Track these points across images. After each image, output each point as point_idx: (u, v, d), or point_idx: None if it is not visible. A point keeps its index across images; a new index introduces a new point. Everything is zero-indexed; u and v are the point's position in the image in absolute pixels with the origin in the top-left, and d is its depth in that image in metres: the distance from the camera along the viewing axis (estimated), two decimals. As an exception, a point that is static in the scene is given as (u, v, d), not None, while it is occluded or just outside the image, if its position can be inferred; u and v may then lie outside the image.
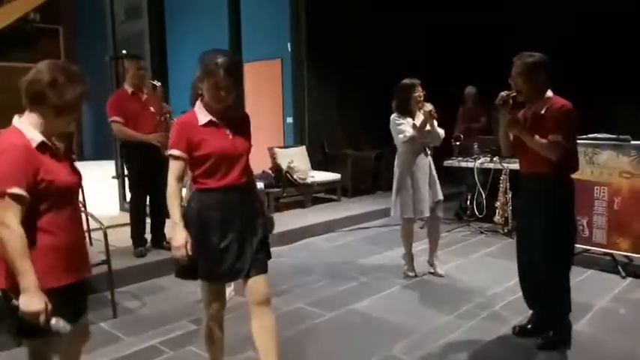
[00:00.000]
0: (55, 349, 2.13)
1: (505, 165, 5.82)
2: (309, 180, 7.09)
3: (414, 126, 4.28)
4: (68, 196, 2.03)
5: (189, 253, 2.36)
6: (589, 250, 4.84)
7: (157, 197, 4.78)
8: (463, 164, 6.41)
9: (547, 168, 3.02)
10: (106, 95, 4.85)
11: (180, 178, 2.45)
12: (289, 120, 8.42)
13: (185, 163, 2.43)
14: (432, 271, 4.60)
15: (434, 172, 4.45)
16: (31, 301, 1.80)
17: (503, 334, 3.41)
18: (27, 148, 1.88)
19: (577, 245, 4.73)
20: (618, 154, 4.55)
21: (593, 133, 4.86)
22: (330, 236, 6.11)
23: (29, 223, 1.87)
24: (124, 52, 6.29)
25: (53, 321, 1.86)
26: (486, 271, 4.71)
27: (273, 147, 7.43)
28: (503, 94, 3.11)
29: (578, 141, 4.70)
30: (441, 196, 4.44)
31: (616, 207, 4.56)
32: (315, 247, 5.67)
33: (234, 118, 2.52)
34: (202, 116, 2.44)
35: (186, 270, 2.46)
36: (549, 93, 3.11)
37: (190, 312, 3.78)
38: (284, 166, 7.01)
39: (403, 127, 4.26)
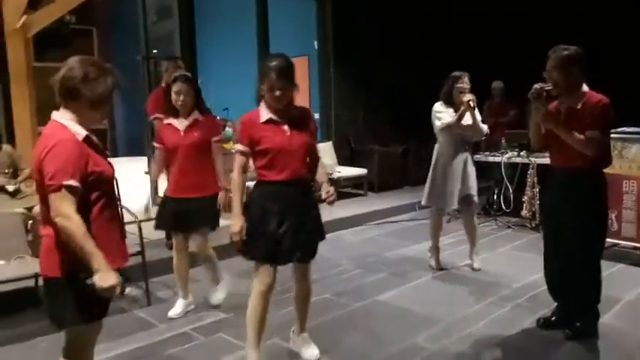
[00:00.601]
0: (95, 337, 2.24)
1: (533, 159, 5.79)
2: (335, 175, 7.17)
3: (453, 115, 4.30)
4: (112, 186, 2.16)
5: (244, 238, 2.70)
6: (618, 244, 4.80)
7: None
8: (490, 159, 6.40)
9: (582, 162, 3.01)
10: (138, 94, 5.03)
11: (244, 171, 2.77)
12: (316, 116, 8.50)
13: (248, 157, 2.74)
14: (470, 264, 4.63)
15: (470, 167, 4.42)
16: (107, 277, 1.92)
17: (528, 327, 3.44)
18: (77, 142, 1.99)
19: (606, 239, 4.74)
20: (648, 148, 4.50)
21: (622, 126, 4.81)
22: (356, 230, 6.19)
23: (82, 213, 1.96)
24: (154, 51, 6.49)
25: (127, 289, 2.04)
26: (512, 264, 4.72)
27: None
28: (537, 86, 3.07)
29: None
30: (472, 192, 4.42)
31: (646, 201, 4.51)
32: (342, 241, 5.76)
33: (294, 116, 2.75)
34: (264, 114, 2.72)
35: (245, 251, 2.76)
36: (585, 87, 3.08)
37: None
38: (311, 162, 7.11)
39: (441, 115, 4.30)
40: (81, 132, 2.03)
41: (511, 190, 6.20)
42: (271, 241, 2.69)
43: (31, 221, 4.22)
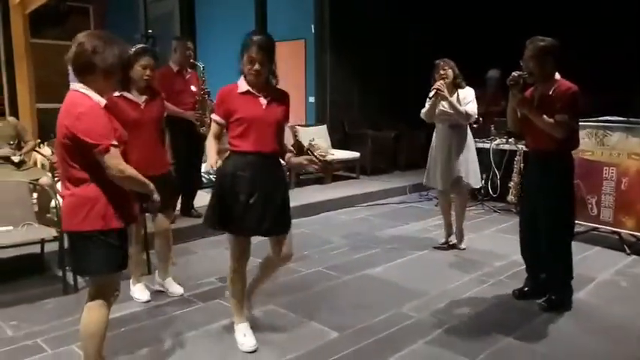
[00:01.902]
0: (118, 284, 2.50)
1: (520, 146, 6.01)
2: (329, 157, 7.35)
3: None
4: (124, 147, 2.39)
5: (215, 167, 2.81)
6: (597, 228, 5.04)
7: (189, 170, 5.09)
8: (479, 145, 6.60)
9: (551, 145, 3.28)
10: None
11: (218, 138, 2.88)
12: (311, 99, 8.66)
13: (222, 127, 2.85)
14: (454, 242, 4.84)
15: (461, 151, 4.50)
16: (158, 195, 2.38)
17: (506, 300, 3.67)
18: (102, 108, 2.20)
19: (585, 223, 5.00)
20: (628, 136, 4.72)
21: (611, 115, 5.04)
22: (348, 210, 6.40)
23: (102, 172, 2.20)
24: (149, 31, 6.57)
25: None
26: (496, 245, 4.95)
27: (295, 125, 7.70)
28: (514, 74, 3.33)
29: (590, 123, 4.94)
30: (461, 174, 4.51)
31: (623, 187, 4.74)
32: (333, 220, 5.97)
33: (272, 93, 2.85)
34: (242, 86, 2.81)
35: (215, 222, 2.87)
36: (557, 76, 3.34)
37: (217, 271, 4.12)
38: (305, 144, 7.29)
39: (426, 104, 4.49)
40: (102, 100, 2.22)
41: (498, 176, 6.43)
42: (241, 213, 2.76)
43: (36, 194, 4.40)
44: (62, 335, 3.09)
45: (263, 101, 2.80)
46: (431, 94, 4.36)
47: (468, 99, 4.44)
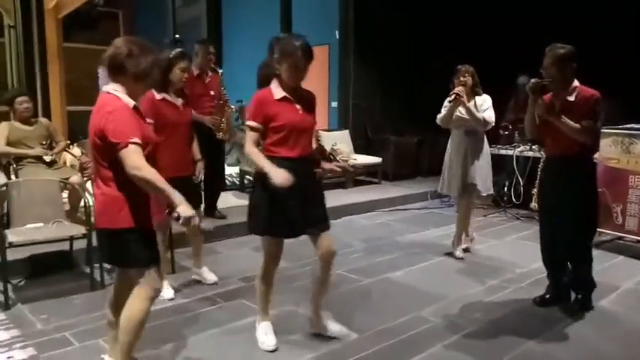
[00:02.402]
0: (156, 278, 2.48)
1: (543, 153, 5.95)
2: (351, 162, 7.39)
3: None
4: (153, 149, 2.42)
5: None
6: (622, 237, 4.98)
7: (211, 172, 5.16)
8: (502, 152, 6.58)
9: (574, 150, 3.31)
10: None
11: (257, 146, 2.84)
12: (334, 104, 8.72)
13: (259, 134, 2.82)
14: (451, 251, 4.78)
15: (478, 158, 4.49)
16: (187, 209, 2.24)
17: (527, 307, 3.65)
18: (130, 109, 2.29)
19: (610, 232, 4.95)
20: (654, 144, 4.66)
21: (632, 121, 4.99)
22: (369, 215, 6.43)
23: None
24: (176, 36, 6.70)
25: (203, 223, 2.35)
26: (518, 252, 4.92)
27: (318, 129, 7.76)
28: (535, 81, 3.37)
29: (616, 130, 4.90)
30: (475, 181, 4.50)
31: (650, 196, 4.68)
32: (354, 224, 6.00)
33: (303, 97, 2.89)
34: (278, 92, 2.82)
35: (259, 227, 2.90)
36: (576, 82, 3.39)
37: (241, 271, 4.20)
38: (327, 148, 7.34)
39: (442, 109, 4.50)
40: (131, 102, 2.31)
41: (521, 183, 6.39)
42: (281, 216, 2.80)
43: (67, 192, 4.53)
44: (89, 329, 3.19)
45: (298, 107, 2.84)
46: (450, 98, 4.37)
47: (485, 106, 4.43)
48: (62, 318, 3.35)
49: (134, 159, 2.17)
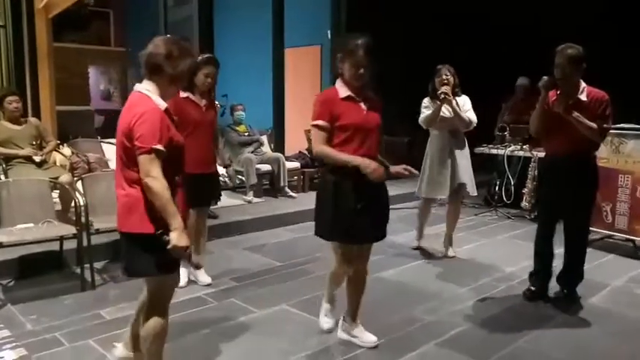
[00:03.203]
0: (172, 290, 2.42)
1: (535, 153, 6.00)
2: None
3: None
4: (182, 155, 2.31)
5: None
6: (612, 235, 5.02)
7: None
8: (494, 151, 6.61)
9: (585, 148, 3.45)
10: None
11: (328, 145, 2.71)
12: (326, 104, 8.70)
13: (327, 133, 2.70)
14: (442, 250, 4.81)
15: (461, 157, 4.54)
16: (182, 238, 2.11)
17: (518, 305, 3.68)
18: (161, 111, 2.17)
19: (600, 230, 4.99)
20: (644, 144, 4.71)
21: (623, 120, 5.03)
22: (361, 215, 6.42)
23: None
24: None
25: (194, 256, 2.21)
26: (509, 251, 4.95)
27: (310, 129, 7.76)
28: (548, 78, 3.42)
29: (605, 130, 4.93)
30: (463, 180, 4.53)
31: (638, 195, 4.72)
32: (346, 224, 5.99)
33: (369, 97, 2.81)
34: (343, 91, 2.75)
35: (330, 232, 2.79)
36: (583, 82, 3.46)
37: (232, 271, 4.20)
38: (320, 148, 7.34)
39: (424, 110, 4.50)
40: (162, 104, 2.21)
41: (512, 183, 6.42)
42: (349, 221, 2.70)
43: (57, 192, 4.50)
44: (80, 330, 3.17)
45: (363, 106, 2.76)
46: (442, 92, 4.34)
47: (467, 106, 4.46)
48: (52, 319, 3.32)
49: (151, 167, 2.09)
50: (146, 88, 2.21)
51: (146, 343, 2.34)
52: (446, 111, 4.41)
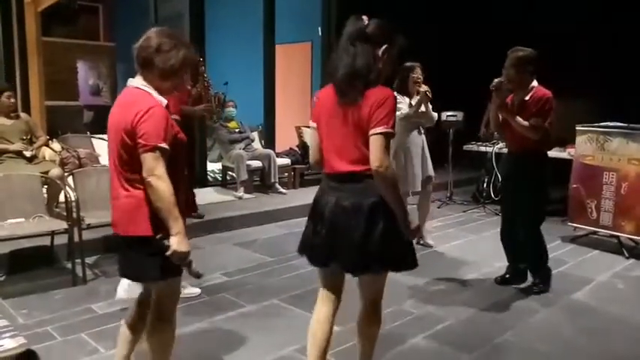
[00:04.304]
0: (177, 291, 2.29)
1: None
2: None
3: (409, 105, 4.59)
4: (183, 153, 2.22)
5: None
6: (597, 232, 5.12)
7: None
8: (482, 149, 6.69)
9: (526, 146, 3.61)
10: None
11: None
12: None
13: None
14: (422, 241, 4.93)
15: (426, 150, 4.84)
16: (182, 243, 1.99)
17: (504, 299, 3.75)
18: (163, 108, 2.05)
19: (585, 227, 5.09)
20: (628, 141, 4.79)
21: (608, 119, 5.13)
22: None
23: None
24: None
25: (194, 264, 2.11)
26: (496, 246, 4.97)
27: (301, 126, 7.81)
28: (496, 80, 3.63)
29: (591, 128, 5.04)
30: (431, 173, 4.88)
31: (623, 192, 4.81)
32: (336, 220, 6.04)
33: None
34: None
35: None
36: (534, 83, 3.63)
37: (223, 266, 4.23)
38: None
39: (400, 106, 4.56)
40: (162, 100, 2.09)
41: (500, 180, 6.50)
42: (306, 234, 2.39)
43: (46, 186, 4.50)
44: (71, 324, 3.19)
45: None
46: (425, 89, 4.54)
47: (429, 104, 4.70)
48: (44, 313, 3.34)
49: (156, 165, 1.96)
50: (142, 83, 2.09)
51: (154, 355, 2.23)
52: (422, 108, 4.63)
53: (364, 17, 2.29)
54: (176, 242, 1.99)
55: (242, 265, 4.36)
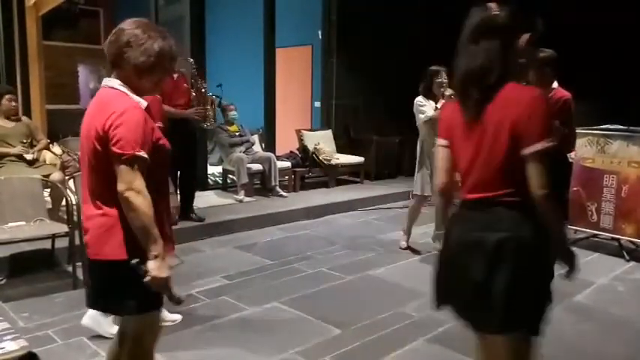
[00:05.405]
0: (157, 323, 2.04)
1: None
2: (334, 161, 7.46)
3: (435, 109, 4.59)
4: (167, 162, 1.98)
5: None
6: (597, 234, 5.11)
7: (186, 172, 5.15)
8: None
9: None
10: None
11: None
12: (317, 104, 8.77)
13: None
14: (435, 246, 4.89)
15: None
16: (162, 268, 1.73)
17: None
18: (142, 111, 1.80)
19: (585, 229, 5.08)
20: (628, 144, 4.79)
21: (608, 121, 5.14)
22: (351, 214, 6.49)
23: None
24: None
25: (174, 289, 1.81)
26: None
27: (301, 129, 7.82)
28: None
29: (591, 131, 5.03)
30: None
31: (623, 194, 4.80)
32: (337, 222, 6.06)
33: None
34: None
35: None
36: (555, 84, 3.61)
37: (223, 269, 4.23)
38: (310, 148, 7.40)
39: (424, 109, 4.59)
40: (142, 101, 1.84)
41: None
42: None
43: (48, 190, 4.51)
44: (72, 327, 3.19)
45: None
46: (450, 93, 4.43)
47: None
48: (44, 316, 3.34)
49: (133, 178, 1.70)
50: (118, 83, 1.83)
51: None
52: None
53: (492, 5, 1.80)
54: (155, 267, 1.72)
55: (243, 268, 4.36)
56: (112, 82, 1.85)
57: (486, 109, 1.72)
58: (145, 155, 1.74)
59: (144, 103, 1.84)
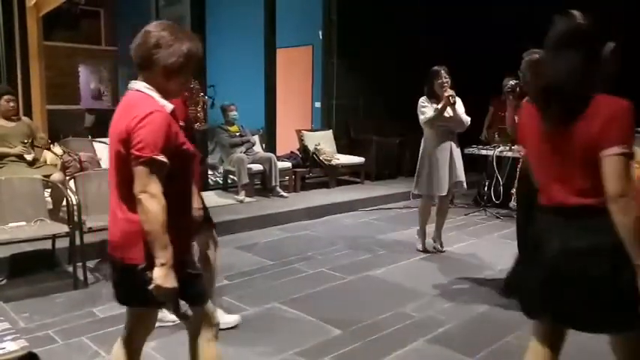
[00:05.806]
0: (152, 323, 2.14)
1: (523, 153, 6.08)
2: (334, 162, 7.45)
3: (435, 110, 4.59)
4: (191, 169, 1.96)
5: None
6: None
7: None
8: (483, 152, 6.69)
9: None
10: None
11: None
12: (317, 105, 8.77)
13: None
14: (435, 246, 4.93)
15: (456, 155, 4.71)
16: (168, 277, 1.71)
17: (506, 302, 3.73)
18: (167, 115, 1.80)
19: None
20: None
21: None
22: (352, 214, 6.49)
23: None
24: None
25: (181, 302, 1.78)
26: (497, 250, 5.02)
27: (301, 129, 7.82)
28: (511, 82, 3.57)
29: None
30: (461, 178, 4.73)
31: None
32: (337, 223, 6.06)
33: None
34: None
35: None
36: None
37: (224, 269, 4.20)
38: (311, 148, 7.40)
39: (425, 110, 4.59)
40: (167, 104, 1.84)
41: (501, 183, 6.50)
42: None
43: (48, 190, 4.51)
44: (73, 327, 3.20)
45: None
46: (449, 94, 4.46)
47: (461, 108, 4.60)
48: (45, 316, 3.34)
49: (151, 182, 1.69)
50: (144, 85, 1.84)
51: None
52: (449, 112, 4.52)
53: (575, 12, 1.80)
54: (161, 275, 1.70)
55: (243, 268, 4.36)
56: (138, 84, 1.86)
57: (575, 120, 1.73)
58: (164, 159, 1.73)
59: (169, 107, 1.84)
